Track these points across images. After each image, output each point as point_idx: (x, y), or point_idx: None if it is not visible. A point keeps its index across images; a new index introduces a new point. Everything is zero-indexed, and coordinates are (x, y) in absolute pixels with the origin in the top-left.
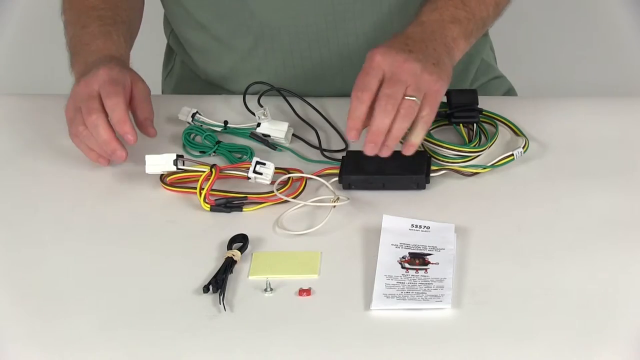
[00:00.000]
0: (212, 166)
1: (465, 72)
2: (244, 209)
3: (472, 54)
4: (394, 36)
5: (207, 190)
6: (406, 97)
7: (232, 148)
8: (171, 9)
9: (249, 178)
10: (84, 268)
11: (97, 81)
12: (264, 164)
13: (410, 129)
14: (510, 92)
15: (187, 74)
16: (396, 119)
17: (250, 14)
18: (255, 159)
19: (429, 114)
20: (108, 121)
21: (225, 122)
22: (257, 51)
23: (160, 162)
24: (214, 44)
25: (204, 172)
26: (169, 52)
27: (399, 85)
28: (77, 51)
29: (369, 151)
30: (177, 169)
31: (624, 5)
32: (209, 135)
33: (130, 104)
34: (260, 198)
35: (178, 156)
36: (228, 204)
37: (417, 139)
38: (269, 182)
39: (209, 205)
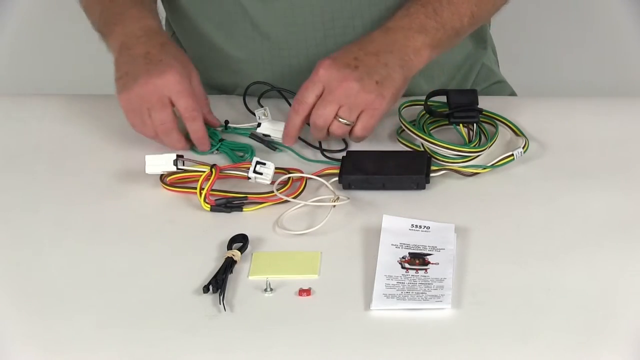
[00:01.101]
0: (212, 166)
1: (465, 78)
2: (244, 209)
3: (472, 61)
4: (355, 44)
5: (207, 190)
6: (337, 118)
7: (235, 146)
8: (172, 16)
9: (249, 178)
10: (83, 268)
11: (167, 86)
12: (264, 163)
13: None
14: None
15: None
16: (327, 135)
17: (251, 24)
18: (255, 159)
19: (362, 131)
20: (177, 126)
21: (226, 122)
22: (256, 61)
23: (160, 162)
24: (215, 52)
25: (204, 172)
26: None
27: (332, 105)
28: (111, 22)
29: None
30: (177, 169)
31: (624, 5)
32: (213, 132)
33: None
34: (260, 198)
35: (178, 156)
36: (228, 204)
37: (355, 142)
38: (269, 182)
39: (209, 205)
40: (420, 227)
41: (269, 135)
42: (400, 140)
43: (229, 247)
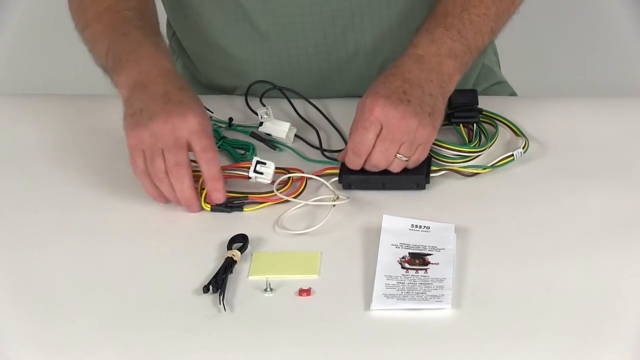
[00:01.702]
0: None
1: (466, 79)
2: (244, 209)
3: (473, 63)
4: (393, 75)
5: (206, 193)
6: (398, 155)
7: (236, 144)
8: (173, 17)
9: (249, 178)
10: (83, 268)
11: (185, 128)
12: (265, 163)
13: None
14: None
15: (188, 78)
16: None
17: (250, 25)
18: (255, 159)
19: (414, 164)
20: (191, 175)
21: (230, 119)
22: (256, 62)
23: None
24: (215, 52)
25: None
26: (170, 54)
27: (394, 144)
28: (123, 58)
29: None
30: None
31: (624, 5)
32: (214, 130)
33: None
34: (260, 198)
35: None
36: (228, 204)
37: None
38: (269, 182)
39: (209, 205)
40: (420, 227)
41: (271, 135)
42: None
43: (229, 247)
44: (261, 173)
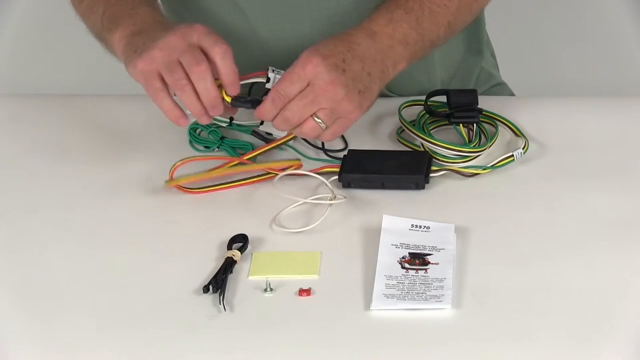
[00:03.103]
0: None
1: (464, 82)
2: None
3: (470, 68)
4: (340, 40)
5: (224, 84)
6: (314, 118)
7: (236, 144)
8: (173, 16)
9: (267, 80)
10: (83, 268)
11: (194, 33)
12: (280, 72)
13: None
14: None
15: None
16: (295, 131)
17: (251, 31)
18: (270, 68)
19: (330, 136)
20: (211, 73)
21: (231, 119)
22: (254, 63)
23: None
24: None
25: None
26: None
27: (312, 105)
28: (119, 16)
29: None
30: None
31: (624, 5)
32: (213, 131)
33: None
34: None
35: None
36: (246, 101)
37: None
38: None
39: (229, 97)
40: (420, 227)
41: (271, 134)
42: (400, 140)
43: (229, 247)
44: (280, 73)
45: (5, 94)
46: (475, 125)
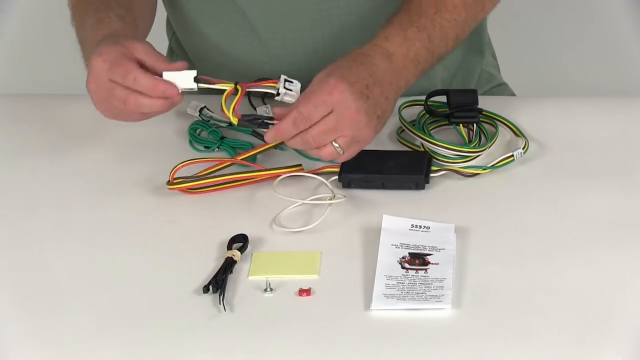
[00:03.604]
0: (236, 83)
1: (465, 84)
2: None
3: (471, 68)
4: (361, 63)
5: (234, 106)
6: (333, 144)
7: (236, 144)
8: (173, 17)
9: (277, 94)
10: (83, 268)
11: (95, 76)
12: (292, 82)
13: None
14: None
15: None
16: (312, 152)
17: (250, 27)
18: (283, 77)
19: (344, 159)
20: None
21: None
22: (255, 62)
23: (178, 79)
24: (215, 52)
25: (226, 89)
26: (170, 54)
27: (335, 133)
28: (82, 49)
29: (268, 138)
30: (198, 87)
31: (624, 5)
32: (214, 130)
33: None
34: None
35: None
36: (255, 120)
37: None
38: (294, 101)
39: (236, 119)
40: (420, 227)
41: None
42: (400, 140)
43: (229, 247)
44: (290, 90)
45: (5, 94)
46: (475, 125)
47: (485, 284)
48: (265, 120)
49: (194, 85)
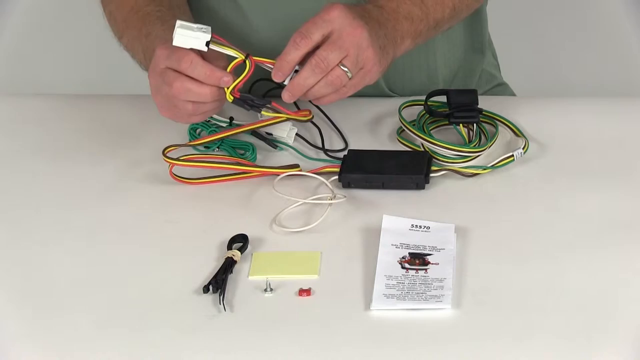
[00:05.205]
0: (247, 56)
1: (466, 83)
2: (262, 112)
3: (472, 66)
4: (355, 6)
5: (238, 83)
6: (340, 66)
7: (236, 144)
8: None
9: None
10: (83, 268)
11: (155, 63)
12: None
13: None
14: None
15: None
16: (320, 82)
17: (252, 30)
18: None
19: (351, 89)
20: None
21: (231, 119)
22: (256, 65)
23: (191, 35)
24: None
25: (236, 57)
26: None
27: (340, 51)
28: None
29: (285, 97)
30: (209, 50)
31: (624, 5)
32: (214, 131)
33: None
34: (281, 107)
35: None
36: (249, 101)
37: (325, 101)
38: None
39: (232, 97)
40: (420, 227)
41: (272, 134)
42: (400, 140)
43: (229, 247)
44: (296, 71)
45: (5, 93)
46: (475, 125)
47: (485, 284)
48: (257, 102)
49: (205, 48)
